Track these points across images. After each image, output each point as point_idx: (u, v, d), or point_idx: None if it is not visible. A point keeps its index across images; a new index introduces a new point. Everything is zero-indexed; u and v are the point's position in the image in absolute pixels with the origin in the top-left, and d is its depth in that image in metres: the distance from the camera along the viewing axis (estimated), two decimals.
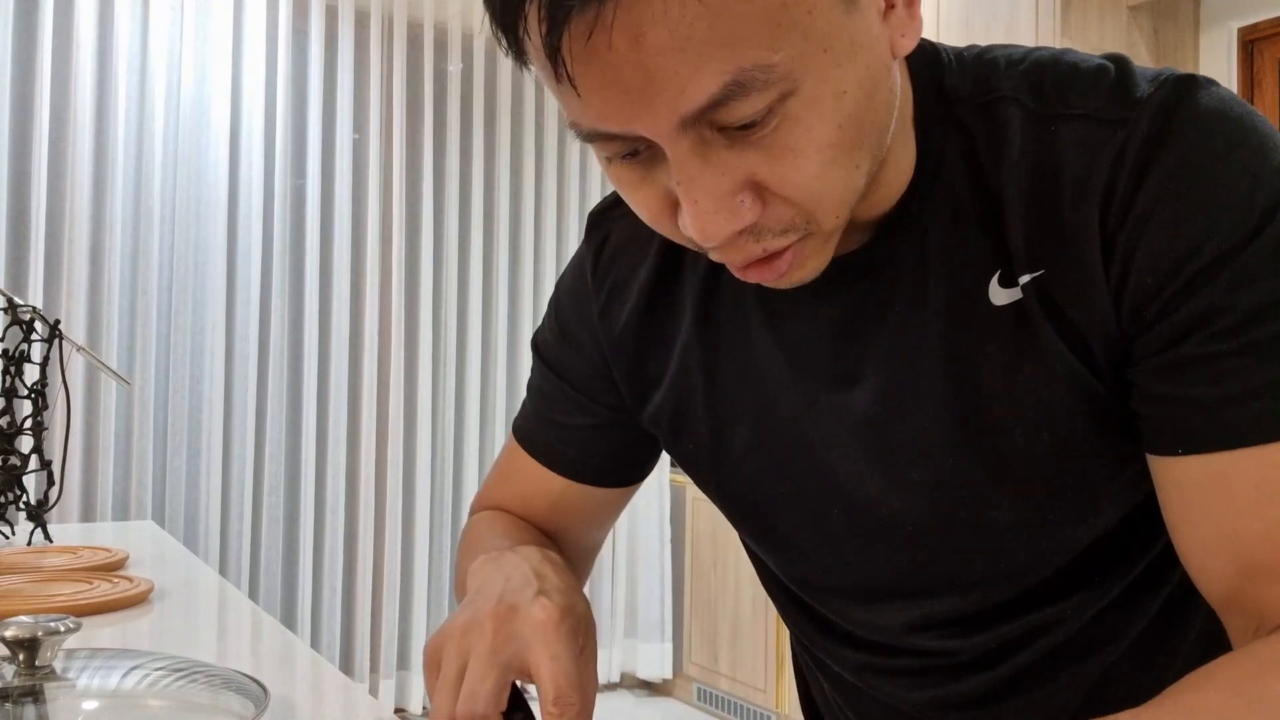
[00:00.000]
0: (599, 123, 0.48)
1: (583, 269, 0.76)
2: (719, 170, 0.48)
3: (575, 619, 0.56)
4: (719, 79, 0.45)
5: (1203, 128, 0.53)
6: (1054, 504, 0.60)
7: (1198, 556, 0.55)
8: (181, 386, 3.22)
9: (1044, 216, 0.56)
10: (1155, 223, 0.52)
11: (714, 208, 0.49)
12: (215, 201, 3.25)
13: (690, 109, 0.46)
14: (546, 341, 0.80)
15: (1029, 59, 0.59)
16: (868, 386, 0.62)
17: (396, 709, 3.58)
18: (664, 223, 0.53)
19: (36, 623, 0.61)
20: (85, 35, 3.06)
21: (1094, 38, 2.79)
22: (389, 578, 3.53)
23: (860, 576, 0.68)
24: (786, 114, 0.47)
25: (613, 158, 0.51)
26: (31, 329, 1.44)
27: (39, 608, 0.96)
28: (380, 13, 3.55)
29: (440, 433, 3.66)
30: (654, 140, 0.48)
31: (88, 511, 3.09)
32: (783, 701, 3.22)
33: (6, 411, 1.42)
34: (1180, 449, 0.53)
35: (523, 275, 3.84)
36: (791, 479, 0.68)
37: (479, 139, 3.73)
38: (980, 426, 0.59)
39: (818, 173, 0.49)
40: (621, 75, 0.45)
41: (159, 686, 0.65)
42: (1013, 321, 0.57)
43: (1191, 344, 0.52)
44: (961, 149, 0.58)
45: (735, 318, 0.68)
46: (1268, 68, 2.85)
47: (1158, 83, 0.54)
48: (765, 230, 0.51)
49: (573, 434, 0.78)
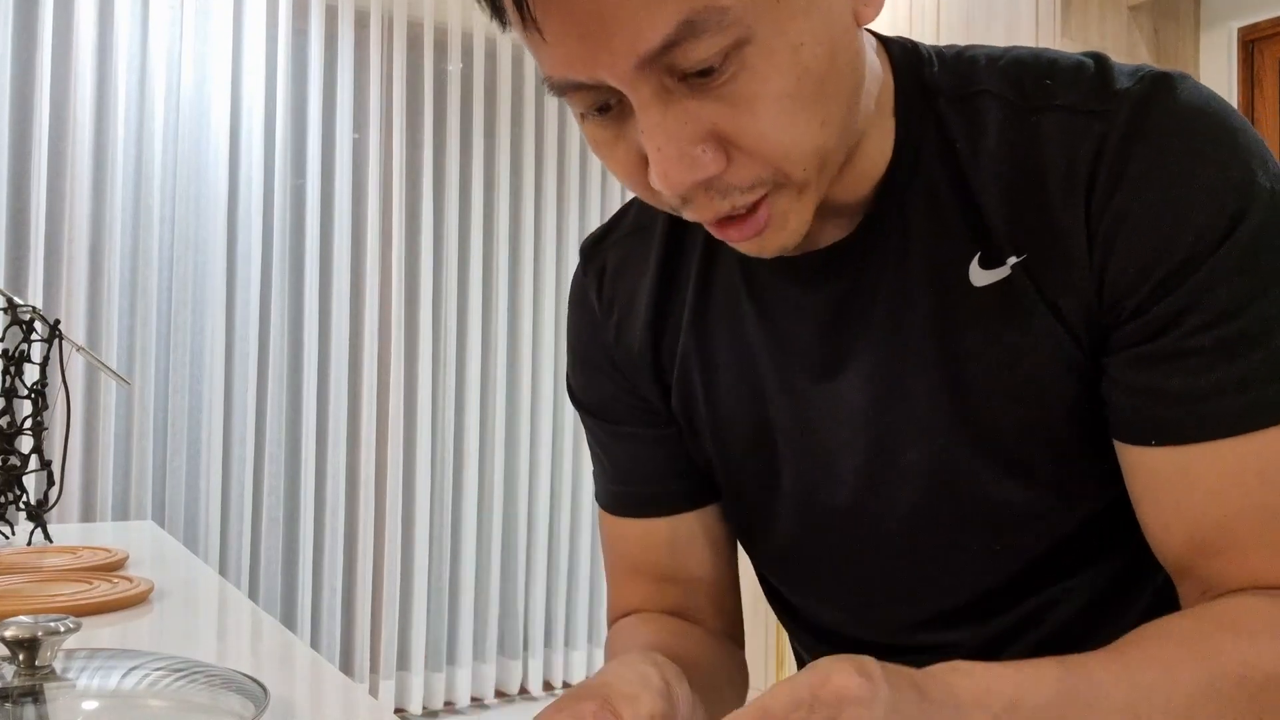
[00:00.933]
0: (565, 70, 0.49)
1: (587, 300, 0.77)
2: (680, 119, 0.50)
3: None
4: (671, 19, 0.46)
5: (1180, 123, 0.54)
6: (1048, 479, 0.61)
7: (1158, 533, 0.58)
8: (181, 386, 3.22)
9: (1026, 203, 0.57)
10: (1133, 218, 0.54)
11: (676, 154, 0.50)
12: (215, 201, 3.25)
13: (646, 49, 0.47)
14: (577, 386, 0.79)
15: (1008, 56, 0.61)
16: (858, 375, 0.63)
17: (396, 709, 3.57)
18: (637, 180, 0.55)
19: (36, 623, 0.61)
20: (85, 35, 3.06)
21: (1094, 38, 2.79)
22: (389, 578, 3.53)
23: (862, 568, 0.69)
24: (744, 62, 0.49)
25: (586, 113, 0.53)
26: (31, 329, 1.44)
27: (39, 608, 0.96)
28: (380, 13, 3.55)
29: (440, 433, 3.66)
30: (617, 87, 0.49)
31: (88, 511, 3.09)
32: None
33: (6, 411, 1.42)
34: (1153, 440, 0.56)
35: (523, 275, 3.84)
36: (791, 473, 0.68)
37: (479, 139, 3.73)
38: (971, 405, 0.60)
39: (776, 122, 0.50)
40: (581, 18, 0.47)
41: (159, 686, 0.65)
42: (997, 302, 0.59)
43: (1166, 339, 0.54)
44: (939, 139, 0.60)
45: (727, 315, 0.69)
46: (1268, 68, 2.84)
47: (1136, 77, 0.56)
48: (731, 187, 0.52)
49: (647, 469, 0.76)
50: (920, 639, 0.69)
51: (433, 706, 3.64)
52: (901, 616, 0.69)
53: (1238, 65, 2.89)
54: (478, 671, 3.74)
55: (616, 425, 0.77)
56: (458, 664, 3.69)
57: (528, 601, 3.86)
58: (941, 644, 0.69)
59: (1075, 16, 2.77)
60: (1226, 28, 2.91)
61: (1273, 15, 2.82)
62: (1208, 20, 2.97)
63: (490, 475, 3.77)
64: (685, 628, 0.76)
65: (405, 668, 3.59)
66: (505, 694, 3.83)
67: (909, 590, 0.68)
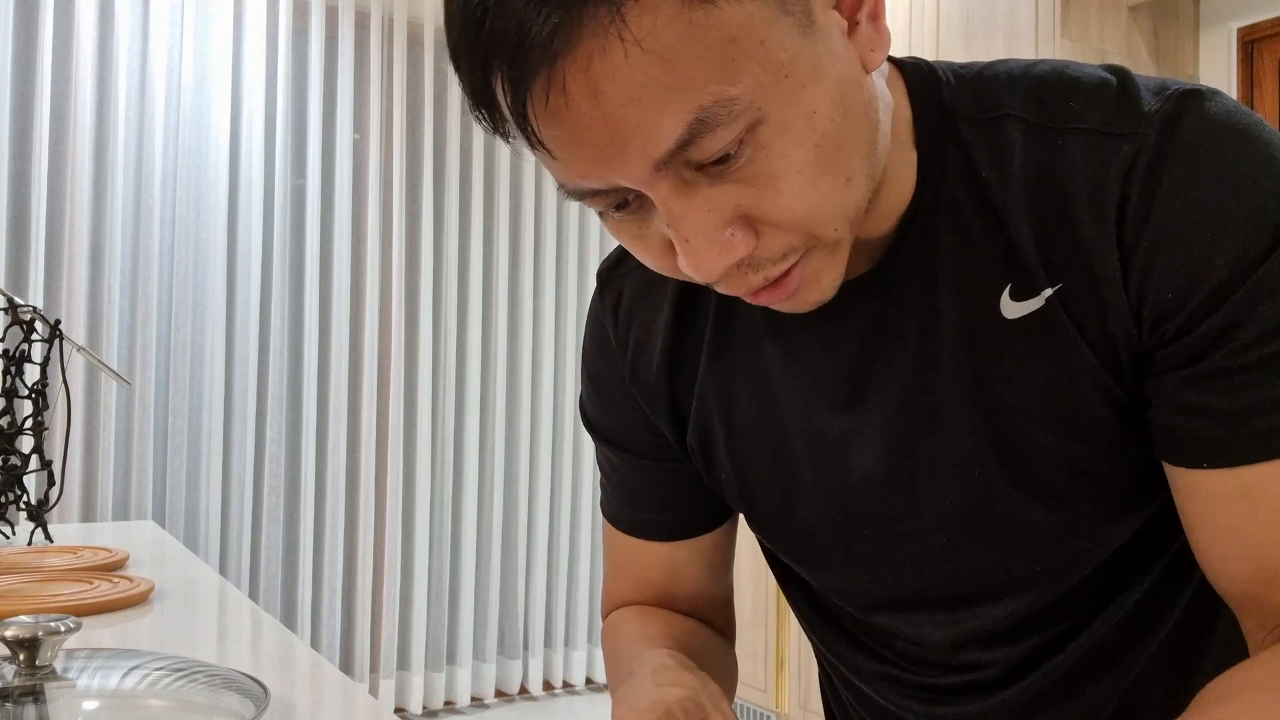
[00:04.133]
0: (580, 179, 0.49)
1: (603, 329, 0.76)
2: (704, 207, 0.49)
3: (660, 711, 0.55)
4: (682, 120, 0.45)
5: (1210, 140, 0.53)
6: (1085, 508, 0.60)
7: (1217, 562, 0.56)
8: (181, 386, 3.22)
9: (1055, 230, 0.56)
10: (1169, 240, 0.53)
11: (705, 244, 0.49)
12: (215, 201, 3.25)
13: (660, 153, 0.46)
14: (591, 413, 0.79)
15: (1030, 74, 0.59)
16: (886, 405, 0.62)
17: (396, 709, 3.58)
18: (669, 266, 0.54)
19: (36, 623, 0.61)
20: (85, 35, 3.06)
21: (1094, 38, 2.79)
22: (389, 578, 3.53)
23: (895, 592, 0.68)
24: (759, 143, 0.48)
25: (605, 211, 0.52)
26: (32, 329, 1.44)
27: (39, 608, 0.96)
28: (380, 13, 3.55)
29: (440, 433, 3.67)
30: (636, 188, 0.49)
31: (88, 511, 3.09)
32: (783, 701, 3.22)
33: (7, 411, 1.42)
34: (1204, 463, 0.54)
35: (523, 275, 3.84)
36: (816, 506, 0.68)
37: (479, 139, 3.73)
38: (1004, 437, 0.59)
39: (801, 193, 0.49)
40: (588, 132, 0.46)
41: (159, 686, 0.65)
42: (1030, 333, 0.57)
43: (1212, 359, 0.53)
44: (962, 164, 0.58)
45: (748, 349, 0.68)
46: (1268, 68, 2.84)
47: (1163, 96, 0.54)
48: (763, 260, 0.52)
49: (654, 496, 0.77)
50: (952, 658, 0.69)
51: (433, 706, 3.64)
52: (934, 635, 0.68)
53: (1237, 65, 2.89)
54: (478, 671, 3.74)
55: (627, 453, 0.77)
56: (458, 664, 3.69)
57: (528, 601, 3.86)
58: (974, 663, 0.68)
59: (1075, 17, 2.77)
60: (1226, 28, 2.91)
61: (1272, 15, 2.82)
62: (1207, 20, 2.97)
63: (490, 475, 3.77)
64: (689, 624, 0.77)
65: (405, 667, 3.60)
66: (505, 694, 3.83)
67: (943, 612, 0.67)
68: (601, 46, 0.44)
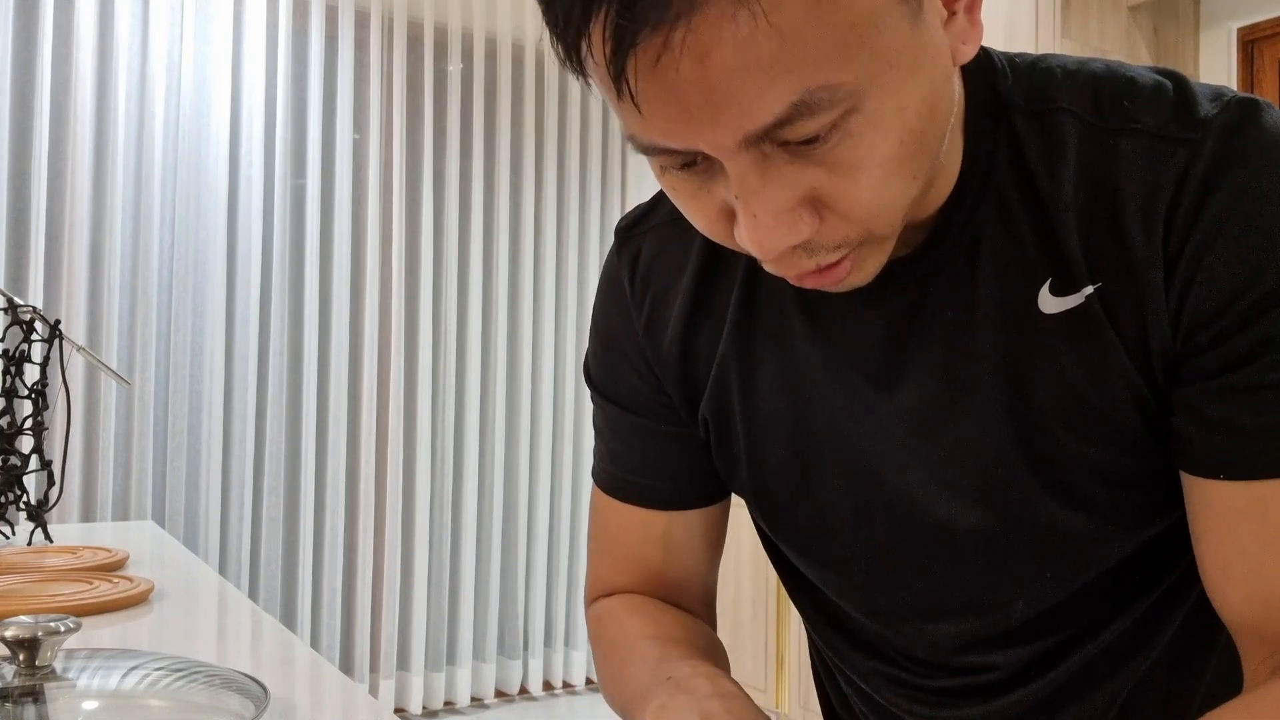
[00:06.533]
0: (660, 138, 0.47)
1: (619, 285, 0.74)
2: (779, 185, 0.48)
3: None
4: (785, 99, 0.44)
5: (1268, 153, 0.52)
6: (1105, 509, 0.60)
7: (1218, 579, 0.55)
8: (181, 386, 3.22)
9: (1102, 229, 0.55)
10: (1217, 249, 0.52)
11: (773, 222, 0.48)
12: (215, 201, 3.25)
13: (755, 128, 0.45)
14: (596, 372, 0.77)
15: (1085, 70, 0.58)
16: (915, 391, 0.61)
17: (396, 709, 3.58)
18: (719, 232, 0.53)
19: (36, 623, 0.61)
20: (85, 35, 3.06)
21: (1094, 38, 2.79)
22: (389, 578, 3.53)
23: (901, 589, 0.67)
24: (849, 130, 0.46)
25: (668, 167, 0.51)
26: (31, 329, 1.44)
27: (39, 608, 0.96)
28: (380, 13, 3.55)
29: (440, 432, 3.67)
30: (714, 156, 0.47)
31: (88, 511, 3.09)
32: (783, 701, 3.22)
33: (6, 411, 1.42)
34: (1222, 474, 0.54)
35: (523, 275, 3.84)
36: (832, 487, 0.67)
37: (479, 139, 3.73)
38: (1030, 433, 0.59)
39: (877, 187, 0.49)
40: (686, 94, 0.44)
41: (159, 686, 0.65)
42: (1066, 330, 0.57)
43: (1243, 373, 0.52)
44: (1013, 155, 0.58)
45: (773, 322, 0.67)
46: (1268, 68, 2.84)
47: (1220, 103, 0.54)
48: (819, 246, 0.51)
49: (653, 461, 0.75)
50: (958, 660, 0.68)
51: (433, 706, 3.64)
52: (942, 635, 0.68)
53: (1237, 65, 2.89)
54: (478, 671, 3.74)
55: (631, 415, 0.75)
56: (458, 664, 3.69)
57: (528, 601, 3.86)
58: (980, 665, 0.68)
59: (1075, 16, 2.77)
60: (1226, 28, 2.91)
61: (1272, 15, 2.82)
62: (1207, 20, 2.97)
63: (490, 475, 3.77)
64: (694, 623, 0.76)
65: (405, 667, 3.59)
66: (505, 694, 3.83)
67: (953, 612, 0.66)
68: (729, 12, 0.42)
